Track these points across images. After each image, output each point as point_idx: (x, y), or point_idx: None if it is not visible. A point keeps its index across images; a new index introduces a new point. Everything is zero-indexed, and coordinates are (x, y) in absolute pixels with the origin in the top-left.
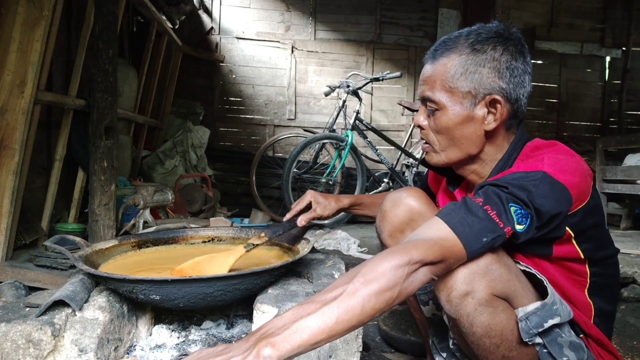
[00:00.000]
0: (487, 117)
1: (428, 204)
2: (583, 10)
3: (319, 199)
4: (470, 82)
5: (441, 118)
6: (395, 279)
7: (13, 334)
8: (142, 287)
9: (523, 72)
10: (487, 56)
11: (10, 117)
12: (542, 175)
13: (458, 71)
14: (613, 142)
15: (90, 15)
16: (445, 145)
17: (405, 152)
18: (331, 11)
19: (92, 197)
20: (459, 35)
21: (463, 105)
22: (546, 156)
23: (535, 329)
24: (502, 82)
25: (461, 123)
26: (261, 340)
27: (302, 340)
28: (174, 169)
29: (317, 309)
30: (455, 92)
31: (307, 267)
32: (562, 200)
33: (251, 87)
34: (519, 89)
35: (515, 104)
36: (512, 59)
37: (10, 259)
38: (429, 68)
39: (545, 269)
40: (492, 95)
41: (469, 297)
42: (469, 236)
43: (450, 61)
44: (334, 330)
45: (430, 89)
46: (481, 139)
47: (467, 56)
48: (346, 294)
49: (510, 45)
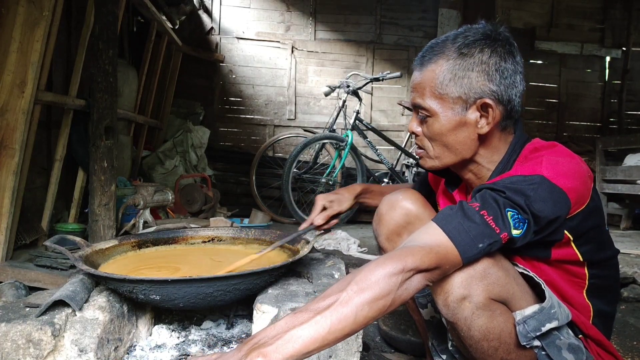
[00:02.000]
0: (480, 121)
1: (425, 206)
2: (583, 11)
3: (330, 197)
4: (460, 87)
5: (433, 125)
6: (388, 287)
7: (13, 333)
8: (142, 287)
9: (513, 72)
10: (475, 60)
11: (10, 117)
12: (540, 179)
13: (447, 77)
14: (613, 142)
15: (90, 15)
16: (439, 151)
17: (405, 152)
18: (331, 11)
19: (92, 197)
20: (445, 39)
21: (454, 111)
22: (545, 159)
23: (533, 332)
24: (492, 84)
25: (454, 129)
26: (253, 350)
27: (295, 350)
28: (174, 169)
29: (310, 318)
30: (445, 98)
31: (307, 267)
32: (560, 205)
33: (251, 87)
34: (511, 90)
35: (508, 105)
36: (500, 60)
37: (11, 259)
38: (418, 75)
39: (544, 271)
40: (483, 99)
41: (466, 301)
42: (465, 242)
43: (439, 67)
44: (327, 339)
45: (421, 96)
46: (475, 143)
47: (455, 61)
48: (339, 302)
49: (499, 47)
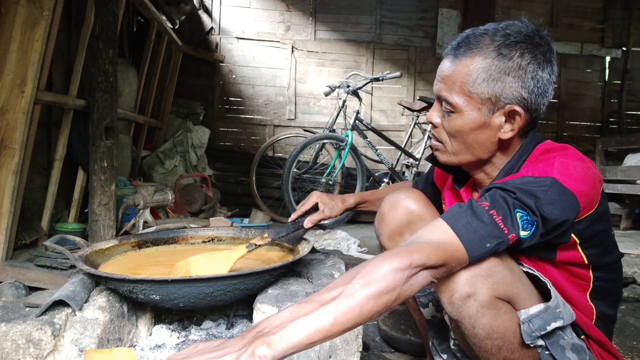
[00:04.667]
0: (504, 126)
1: (427, 206)
2: (583, 10)
3: (326, 200)
4: (492, 90)
5: (456, 121)
6: (394, 282)
7: (13, 333)
8: (142, 287)
9: (548, 82)
10: (513, 64)
11: (10, 117)
12: (551, 182)
13: (480, 76)
14: (613, 142)
15: (90, 15)
16: (457, 148)
17: (405, 152)
18: (331, 11)
19: (92, 197)
20: (484, 33)
21: (480, 112)
22: (557, 161)
23: (538, 331)
24: (524, 92)
25: (476, 129)
26: (257, 339)
27: (298, 340)
28: (174, 169)
29: (315, 309)
30: (474, 97)
31: (307, 267)
32: (569, 208)
33: (251, 87)
34: (541, 99)
35: (534, 113)
36: (538, 68)
37: (10, 259)
38: (449, 66)
39: (548, 271)
40: (513, 105)
41: (472, 299)
42: (473, 241)
43: (474, 63)
44: (331, 331)
45: (448, 89)
46: (494, 146)
47: (492, 61)
48: (345, 295)
49: (539, 53)
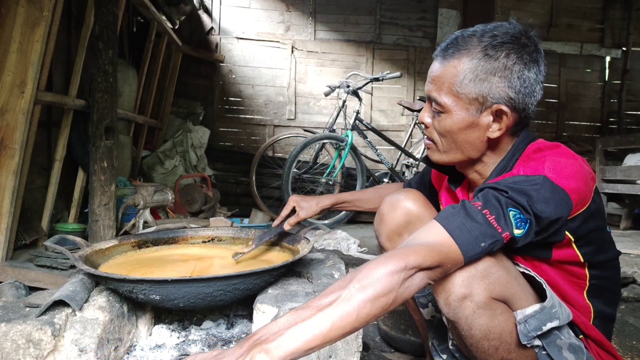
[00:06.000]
0: (492, 125)
1: (426, 207)
2: (582, 11)
3: (301, 202)
4: (479, 90)
5: (445, 121)
6: (390, 285)
7: (13, 333)
8: (142, 287)
9: (535, 81)
10: (499, 64)
11: (10, 117)
12: (542, 180)
13: (467, 76)
14: (613, 142)
15: (90, 15)
16: (447, 147)
17: (405, 152)
18: (331, 11)
19: (92, 197)
20: (472, 34)
21: (469, 112)
22: (548, 159)
23: (534, 332)
24: (511, 92)
25: (465, 128)
26: (255, 347)
27: (296, 346)
28: (174, 169)
29: (312, 315)
30: (462, 97)
31: (307, 267)
32: (562, 206)
33: (251, 87)
34: (528, 98)
35: (522, 113)
36: (524, 68)
37: (11, 259)
38: (438, 67)
39: (544, 271)
40: (499, 105)
41: (468, 300)
42: (467, 242)
43: (461, 64)
44: (328, 336)
45: (437, 90)
46: (484, 145)
47: (479, 62)
48: (341, 299)
49: (525, 54)
